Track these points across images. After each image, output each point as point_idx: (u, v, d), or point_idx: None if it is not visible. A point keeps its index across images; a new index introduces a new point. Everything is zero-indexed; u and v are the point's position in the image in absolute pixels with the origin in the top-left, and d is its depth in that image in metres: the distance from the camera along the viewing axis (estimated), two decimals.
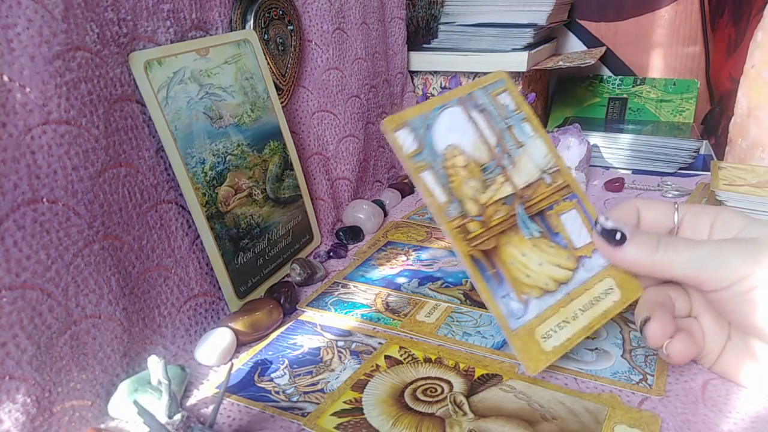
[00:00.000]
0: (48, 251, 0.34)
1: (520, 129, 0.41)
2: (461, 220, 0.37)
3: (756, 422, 0.35)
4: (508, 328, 0.36)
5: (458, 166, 0.38)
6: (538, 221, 0.39)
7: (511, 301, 0.37)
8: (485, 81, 0.41)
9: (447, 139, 0.38)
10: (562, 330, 0.38)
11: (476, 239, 0.37)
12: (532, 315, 0.37)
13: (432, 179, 0.37)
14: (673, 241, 0.37)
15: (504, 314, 0.36)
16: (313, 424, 0.36)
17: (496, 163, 0.39)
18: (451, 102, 0.39)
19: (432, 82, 0.91)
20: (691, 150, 0.81)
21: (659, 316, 0.37)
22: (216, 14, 0.50)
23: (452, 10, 0.91)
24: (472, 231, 0.37)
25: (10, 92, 0.32)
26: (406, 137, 0.37)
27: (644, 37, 1.01)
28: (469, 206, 0.37)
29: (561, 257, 0.39)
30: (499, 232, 0.38)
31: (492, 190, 0.38)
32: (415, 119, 0.37)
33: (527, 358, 0.36)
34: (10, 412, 0.31)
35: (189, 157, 0.44)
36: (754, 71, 0.72)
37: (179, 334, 0.43)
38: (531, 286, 0.38)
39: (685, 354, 0.37)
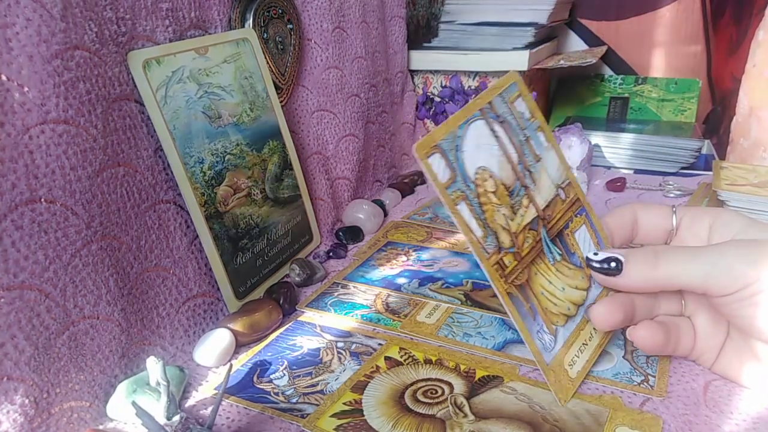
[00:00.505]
0: (46, 251, 0.34)
1: (536, 140, 0.39)
2: (497, 255, 0.35)
3: (758, 423, 0.35)
4: (544, 364, 0.36)
5: (489, 192, 0.36)
6: (558, 243, 0.39)
7: (544, 334, 0.36)
8: (501, 86, 0.39)
9: (476, 160, 0.36)
10: (582, 353, 0.37)
11: (512, 274, 0.36)
12: (560, 345, 0.37)
13: (468, 212, 0.35)
14: (672, 252, 0.36)
15: (539, 350, 0.36)
16: (312, 425, 0.35)
17: (520, 183, 0.37)
18: (475, 115, 0.36)
19: (432, 81, 0.91)
20: (692, 150, 0.81)
21: (606, 300, 0.38)
22: (215, 13, 0.50)
23: (453, 8, 0.91)
24: (508, 265, 0.36)
25: (9, 92, 0.32)
26: (439, 164, 0.34)
27: (645, 36, 1.01)
28: (502, 237, 0.36)
29: (577, 278, 0.39)
30: (529, 262, 0.37)
31: (520, 216, 0.37)
32: (445, 140, 0.35)
33: (559, 390, 0.36)
34: (9, 413, 0.31)
35: (188, 156, 0.44)
36: (756, 70, 0.72)
37: (178, 335, 0.43)
38: (558, 315, 0.37)
39: (650, 340, 0.37)
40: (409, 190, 0.77)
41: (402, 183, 0.77)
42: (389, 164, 0.80)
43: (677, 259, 0.36)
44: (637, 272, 0.37)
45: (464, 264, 0.56)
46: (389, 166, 0.80)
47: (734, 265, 0.34)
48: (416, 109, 0.89)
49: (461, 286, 0.52)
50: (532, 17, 0.87)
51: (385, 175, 0.78)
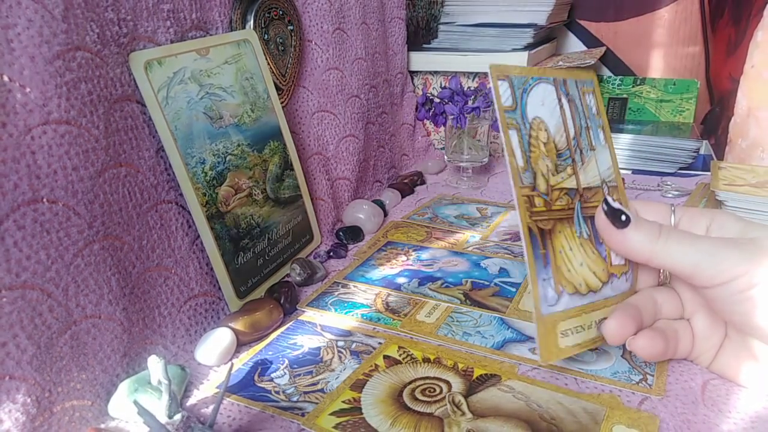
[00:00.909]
0: (48, 251, 0.34)
1: (596, 133, 0.41)
2: (530, 191, 0.36)
3: (756, 422, 0.35)
4: (539, 311, 0.36)
5: (540, 140, 0.37)
6: (589, 224, 0.39)
7: (549, 286, 0.36)
8: (578, 75, 0.41)
9: (537, 111, 0.38)
10: (577, 334, 0.38)
11: (538, 215, 0.37)
12: (560, 308, 0.37)
13: (516, 140, 0.36)
14: (675, 232, 0.37)
15: (540, 296, 0.36)
16: (311, 423, 0.36)
17: (570, 154, 0.39)
18: (548, 79, 0.39)
19: (432, 82, 0.91)
20: (691, 150, 0.81)
21: (617, 314, 0.38)
22: (216, 14, 0.50)
23: (452, 10, 0.91)
24: (537, 206, 0.37)
25: (11, 92, 0.32)
26: (506, 90, 0.36)
27: (644, 37, 1.01)
28: (539, 181, 0.37)
29: (598, 266, 0.39)
30: (557, 218, 0.38)
31: (561, 177, 0.38)
32: (517, 78, 0.37)
33: (544, 346, 0.36)
34: (10, 412, 0.31)
35: (189, 157, 0.44)
36: (754, 71, 0.72)
37: (179, 334, 0.43)
38: (568, 282, 0.37)
39: (651, 350, 0.37)
40: (409, 191, 0.77)
41: (402, 183, 0.78)
42: (389, 164, 0.80)
43: (676, 240, 0.36)
44: (638, 236, 0.37)
45: (464, 264, 0.56)
46: (389, 167, 0.80)
47: (726, 257, 0.34)
48: (416, 110, 0.90)
49: (461, 285, 0.52)
50: (531, 18, 0.88)
51: (385, 175, 0.79)
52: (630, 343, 0.38)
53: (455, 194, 0.77)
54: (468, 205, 0.73)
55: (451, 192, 0.78)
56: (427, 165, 0.87)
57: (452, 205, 0.73)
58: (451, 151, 0.80)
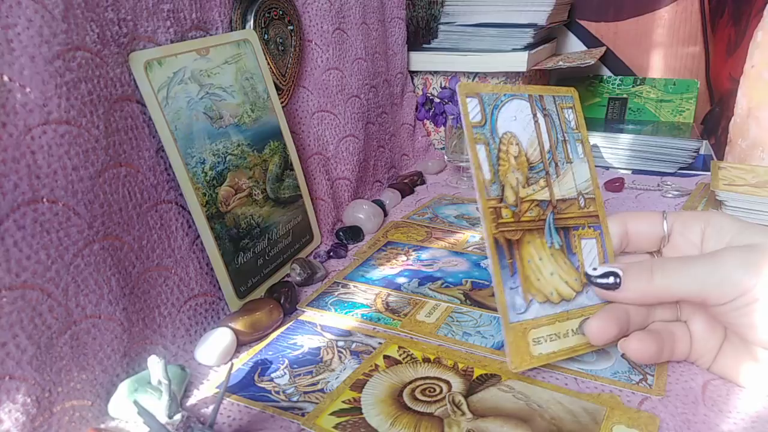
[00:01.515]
0: (48, 251, 0.34)
1: (574, 147, 0.42)
2: (497, 203, 0.38)
3: (756, 422, 0.35)
4: (506, 318, 0.37)
5: (511, 154, 0.39)
6: (562, 235, 0.40)
7: (516, 295, 0.37)
8: (557, 91, 0.43)
9: (508, 126, 0.39)
10: (551, 342, 0.38)
11: (505, 225, 0.38)
12: (530, 316, 0.38)
13: (484, 154, 0.38)
14: (666, 263, 0.37)
15: (507, 304, 0.37)
16: (311, 423, 0.36)
17: (543, 167, 0.40)
18: (523, 95, 0.41)
19: (432, 82, 0.91)
20: (691, 150, 0.81)
21: (600, 314, 0.38)
22: (216, 14, 0.50)
23: (452, 10, 0.91)
24: (504, 217, 0.38)
25: (11, 92, 0.32)
26: (474, 106, 0.38)
27: (644, 37, 1.01)
28: (508, 193, 0.38)
29: (570, 276, 0.40)
30: (526, 229, 0.39)
31: (532, 189, 0.39)
32: (488, 95, 0.39)
33: (514, 353, 0.37)
34: (10, 412, 0.31)
35: (189, 157, 0.44)
36: (754, 71, 0.72)
37: (179, 334, 0.43)
38: (537, 290, 0.38)
39: (642, 353, 0.37)
40: (409, 191, 0.77)
41: (402, 183, 0.78)
42: (389, 164, 0.80)
43: (672, 271, 0.36)
44: (635, 286, 0.37)
45: (464, 263, 0.56)
46: (389, 167, 0.80)
47: (730, 274, 0.34)
48: (416, 110, 0.90)
49: (461, 285, 0.52)
50: (531, 18, 0.88)
51: (385, 175, 0.79)
52: (621, 345, 0.38)
53: (455, 194, 0.77)
54: (468, 205, 0.73)
55: (451, 192, 0.78)
56: (427, 165, 0.87)
57: (452, 205, 0.73)
58: (451, 151, 0.80)
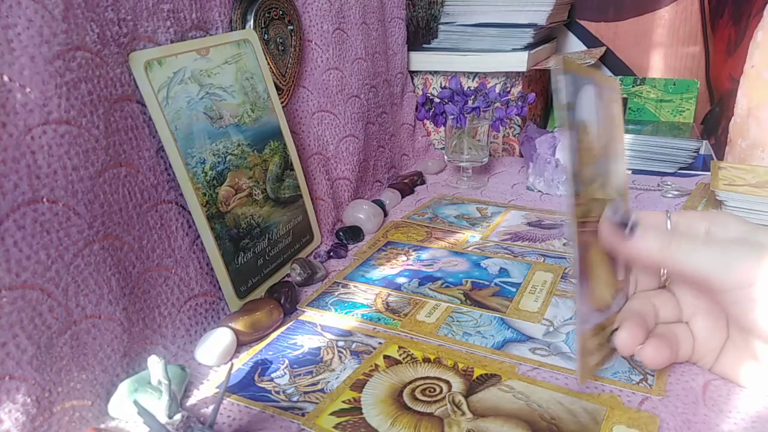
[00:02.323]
0: (48, 251, 0.34)
1: (616, 145, 0.40)
2: (578, 199, 0.34)
3: (756, 422, 0.35)
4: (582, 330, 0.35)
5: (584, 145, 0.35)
6: None
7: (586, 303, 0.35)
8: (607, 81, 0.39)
9: (584, 113, 0.35)
10: (597, 352, 0.37)
11: (582, 226, 0.35)
12: (589, 326, 0.35)
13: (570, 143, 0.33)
14: (685, 237, 0.36)
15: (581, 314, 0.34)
16: (311, 423, 0.36)
17: (602, 162, 0.37)
18: (591, 79, 0.36)
19: (432, 82, 0.91)
20: (691, 150, 0.81)
21: (628, 325, 0.37)
22: (216, 14, 0.50)
23: (452, 10, 0.91)
24: (580, 216, 0.34)
25: (11, 92, 0.32)
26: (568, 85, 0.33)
27: (644, 37, 1.01)
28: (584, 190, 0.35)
29: (610, 282, 0.38)
30: (591, 230, 0.36)
31: (594, 186, 0.36)
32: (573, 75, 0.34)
33: (584, 366, 0.35)
34: (10, 412, 0.31)
35: (189, 157, 0.44)
36: (754, 71, 0.72)
37: (179, 334, 0.43)
38: (596, 297, 0.36)
39: (658, 359, 0.37)
40: (409, 191, 0.77)
41: (402, 183, 0.78)
42: (389, 165, 0.80)
43: (688, 245, 0.35)
44: (649, 245, 0.36)
45: (464, 263, 0.56)
46: (389, 167, 0.80)
47: (740, 262, 0.34)
48: (416, 110, 0.90)
49: (461, 285, 0.52)
50: (531, 18, 0.88)
51: (385, 175, 0.79)
52: (638, 353, 0.37)
53: (455, 194, 0.77)
54: (468, 205, 0.73)
55: (451, 192, 0.78)
56: (427, 165, 0.87)
57: (452, 205, 0.73)
58: (451, 151, 0.80)
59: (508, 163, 0.89)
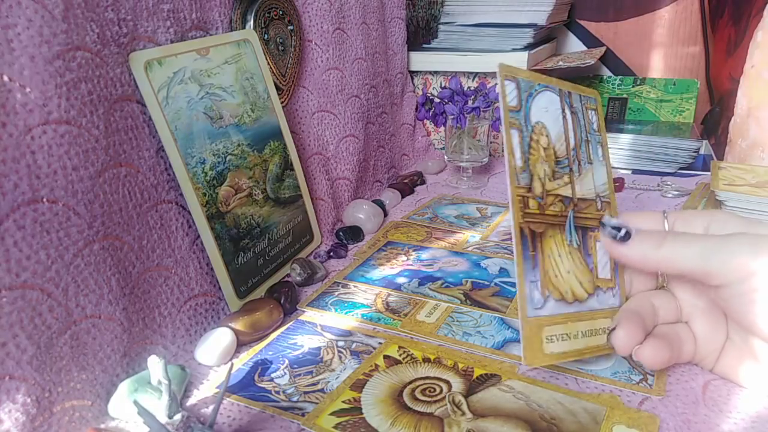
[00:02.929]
0: (48, 251, 0.34)
1: (595, 149, 0.42)
2: (526, 192, 0.37)
3: (756, 422, 0.35)
4: (524, 311, 0.36)
5: (541, 145, 0.38)
6: (580, 234, 0.40)
7: (535, 289, 0.37)
8: (582, 90, 0.42)
9: (541, 116, 0.38)
10: (562, 342, 0.37)
11: (531, 216, 0.37)
12: (546, 312, 0.37)
13: (517, 140, 0.37)
14: (680, 235, 0.37)
15: (527, 297, 0.36)
16: (311, 423, 0.36)
17: (568, 163, 0.40)
18: (554, 89, 0.40)
19: (432, 82, 0.91)
20: (691, 150, 0.81)
21: (625, 324, 0.37)
22: (216, 14, 0.50)
23: (452, 10, 0.91)
24: (530, 207, 0.37)
25: (11, 92, 0.32)
26: (512, 90, 0.37)
27: (644, 37, 1.01)
28: (536, 184, 0.37)
29: (585, 277, 0.39)
30: (549, 223, 0.38)
31: (557, 183, 0.39)
32: (524, 81, 0.38)
33: (529, 349, 0.36)
34: (10, 412, 0.31)
35: (189, 157, 0.44)
36: (754, 71, 0.72)
37: (179, 334, 0.43)
38: (554, 287, 0.38)
39: (657, 360, 0.36)
40: (409, 191, 0.77)
41: (402, 183, 0.78)
42: (389, 165, 0.80)
43: (681, 242, 0.36)
44: (642, 248, 0.37)
45: (464, 264, 0.56)
46: (389, 167, 0.80)
47: (738, 254, 0.33)
48: (416, 110, 0.90)
49: (461, 285, 0.52)
50: (531, 18, 0.88)
51: (385, 175, 0.79)
52: (636, 353, 0.37)
53: (455, 194, 0.77)
54: (468, 205, 0.73)
55: (451, 192, 0.78)
56: (427, 165, 0.87)
57: (452, 205, 0.73)
58: (451, 151, 0.80)
59: None
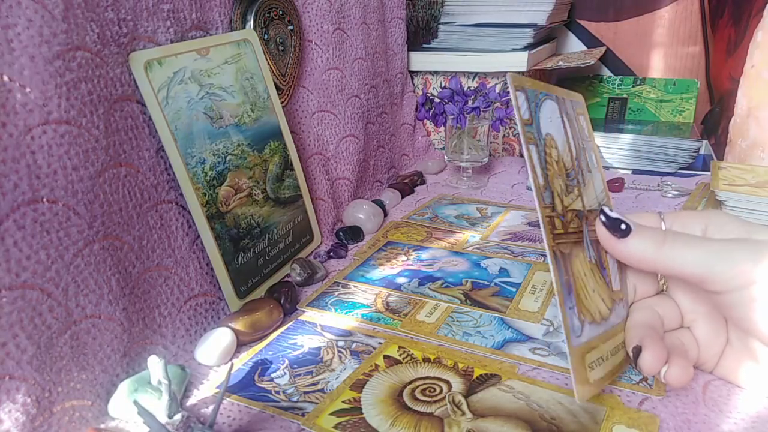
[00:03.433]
0: (48, 251, 0.34)
1: (590, 156, 0.40)
2: (551, 211, 0.34)
3: (756, 422, 0.35)
4: (570, 343, 0.33)
5: (553, 159, 0.35)
6: (595, 248, 0.37)
7: (574, 316, 0.34)
8: (569, 95, 0.40)
9: (548, 127, 0.36)
10: (599, 367, 0.35)
11: (559, 237, 0.34)
12: (584, 339, 0.34)
13: (536, 156, 0.34)
14: (681, 236, 0.35)
15: (570, 326, 0.33)
16: (311, 423, 0.36)
17: (575, 174, 0.37)
18: (552, 96, 0.37)
19: (432, 82, 0.91)
20: (691, 150, 0.81)
21: (651, 346, 0.35)
22: (216, 14, 0.50)
23: (452, 9, 0.91)
24: (557, 228, 0.34)
25: (11, 92, 0.32)
26: (523, 102, 0.34)
27: (644, 37, 1.01)
28: (556, 201, 0.35)
29: (605, 292, 0.37)
30: (573, 241, 0.35)
31: (570, 198, 0.36)
32: (531, 90, 0.35)
33: (578, 381, 0.33)
34: (10, 412, 0.31)
35: (189, 157, 0.44)
36: (754, 71, 0.72)
37: (179, 334, 0.43)
38: (587, 309, 0.35)
39: (684, 379, 0.35)
40: (409, 191, 0.77)
41: (402, 183, 0.78)
42: (389, 165, 0.80)
43: (682, 245, 0.35)
44: (641, 244, 0.35)
45: (464, 264, 0.56)
46: (389, 167, 0.80)
47: (739, 261, 0.33)
48: (416, 110, 0.90)
49: (461, 285, 0.52)
50: (531, 18, 0.88)
51: (385, 175, 0.79)
52: (666, 376, 0.35)
53: (455, 194, 0.77)
54: (468, 205, 0.73)
55: (451, 192, 0.78)
56: (427, 165, 0.87)
57: (452, 205, 0.73)
58: (451, 151, 0.80)
59: (508, 163, 0.89)
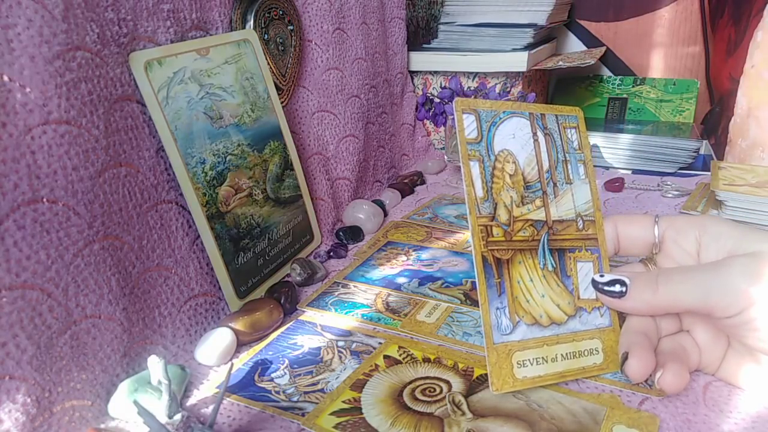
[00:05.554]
0: (48, 251, 0.34)
1: (575, 168, 0.42)
2: (488, 221, 0.38)
3: (757, 422, 0.35)
4: (490, 339, 0.36)
5: (506, 172, 0.39)
6: (556, 257, 0.40)
7: (503, 315, 0.37)
8: (561, 110, 0.42)
9: (506, 143, 0.39)
10: (537, 366, 0.37)
11: (495, 244, 0.38)
12: (516, 338, 0.37)
13: (478, 171, 0.38)
14: (672, 273, 0.36)
15: (492, 324, 0.37)
16: (311, 423, 0.36)
17: (541, 186, 0.40)
18: (523, 113, 0.40)
19: (432, 82, 0.91)
20: (691, 150, 0.81)
21: (637, 352, 0.36)
22: (216, 14, 0.50)
23: (452, 9, 0.91)
24: (495, 235, 0.38)
25: (11, 92, 0.32)
26: (471, 123, 0.38)
27: (644, 37, 1.01)
28: (500, 211, 0.38)
29: (563, 299, 0.39)
30: (517, 248, 0.38)
31: (527, 208, 0.39)
32: (486, 112, 0.39)
33: (496, 375, 0.36)
34: (10, 412, 0.31)
35: (189, 157, 0.44)
36: (754, 71, 0.72)
37: (179, 334, 0.43)
38: (526, 312, 0.38)
39: (678, 385, 0.35)
40: (409, 191, 0.77)
41: (402, 183, 0.78)
42: (389, 164, 0.80)
43: (676, 282, 0.35)
44: (641, 297, 0.37)
45: (464, 263, 0.56)
46: (389, 167, 0.80)
47: (736, 285, 0.33)
48: (416, 110, 0.90)
49: (461, 285, 0.52)
50: (531, 18, 0.88)
51: (385, 175, 0.79)
52: (659, 383, 0.36)
53: (455, 194, 0.77)
54: None
55: (451, 192, 0.78)
56: (427, 165, 0.87)
57: (452, 205, 0.73)
58: (451, 151, 0.80)
59: None
